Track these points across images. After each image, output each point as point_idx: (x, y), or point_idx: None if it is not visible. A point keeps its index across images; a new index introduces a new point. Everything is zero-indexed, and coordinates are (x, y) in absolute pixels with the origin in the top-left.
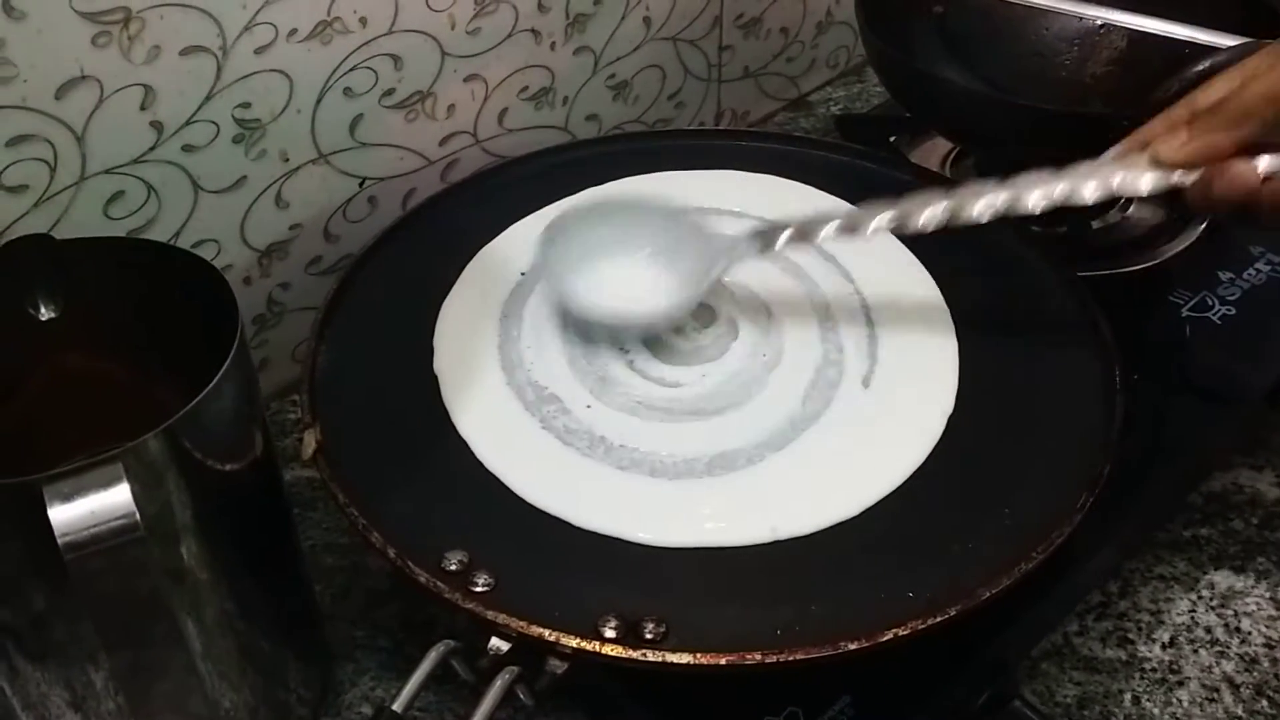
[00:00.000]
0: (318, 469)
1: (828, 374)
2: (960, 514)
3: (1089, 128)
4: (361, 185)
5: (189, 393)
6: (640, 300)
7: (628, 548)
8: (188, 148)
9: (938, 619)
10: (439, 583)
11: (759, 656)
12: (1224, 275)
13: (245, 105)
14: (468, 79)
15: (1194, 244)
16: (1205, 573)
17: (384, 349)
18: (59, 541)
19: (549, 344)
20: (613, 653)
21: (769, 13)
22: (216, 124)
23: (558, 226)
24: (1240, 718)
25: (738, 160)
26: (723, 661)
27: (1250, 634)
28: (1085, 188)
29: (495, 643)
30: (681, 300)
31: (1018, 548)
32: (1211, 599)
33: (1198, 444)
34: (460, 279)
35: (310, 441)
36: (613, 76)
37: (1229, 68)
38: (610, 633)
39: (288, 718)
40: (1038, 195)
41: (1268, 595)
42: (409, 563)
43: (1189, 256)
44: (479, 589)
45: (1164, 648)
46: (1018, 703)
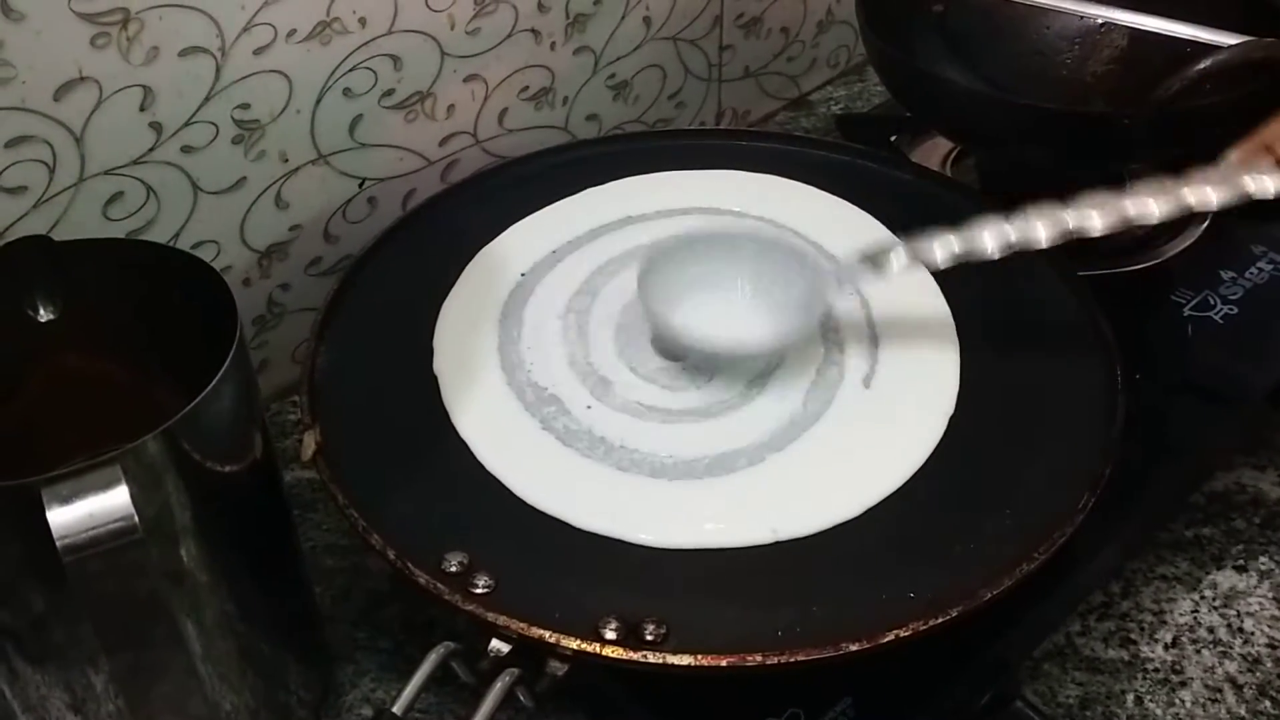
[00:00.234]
0: (317, 470)
1: (828, 374)
2: (961, 514)
3: (1090, 126)
4: (361, 186)
5: (188, 394)
6: (753, 329)
7: (628, 549)
8: (187, 149)
9: (939, 620)
10: (439, 584)
11: (760, 658)
12: (1226, 274)
13: (244, 106)
14: (467, 79)
15: (1196, 243)
16: (1208, 573)
17: (384, 350)
18: (57, 544)
19: (549, 345)
20: (613, 654)
21: (769, 12)
22: (216, 125)
23: (654, 260)
24: (1243, 718)
25: (738, 160)
26: (723, 663)
27: (1253, 634)
28: (1212, 194)
29: (495, 644)
30: (796, 328)
31: (1019, 548)
32: (1214, 599)
33: (1200, 444)
34: (460, 280)
35: (310, 443)
36: (613, 76)
37: None
38: (611, 634)
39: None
40: (1162, 204)
41: (1270, 595)
42: (409, 564)
43: (1191, 256)
44: (479, 590)
45: (1166, 648)
46: (1019, 703)
